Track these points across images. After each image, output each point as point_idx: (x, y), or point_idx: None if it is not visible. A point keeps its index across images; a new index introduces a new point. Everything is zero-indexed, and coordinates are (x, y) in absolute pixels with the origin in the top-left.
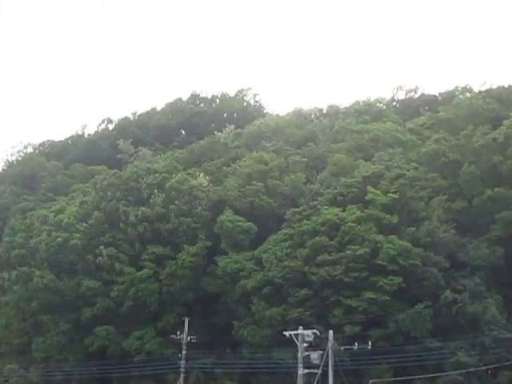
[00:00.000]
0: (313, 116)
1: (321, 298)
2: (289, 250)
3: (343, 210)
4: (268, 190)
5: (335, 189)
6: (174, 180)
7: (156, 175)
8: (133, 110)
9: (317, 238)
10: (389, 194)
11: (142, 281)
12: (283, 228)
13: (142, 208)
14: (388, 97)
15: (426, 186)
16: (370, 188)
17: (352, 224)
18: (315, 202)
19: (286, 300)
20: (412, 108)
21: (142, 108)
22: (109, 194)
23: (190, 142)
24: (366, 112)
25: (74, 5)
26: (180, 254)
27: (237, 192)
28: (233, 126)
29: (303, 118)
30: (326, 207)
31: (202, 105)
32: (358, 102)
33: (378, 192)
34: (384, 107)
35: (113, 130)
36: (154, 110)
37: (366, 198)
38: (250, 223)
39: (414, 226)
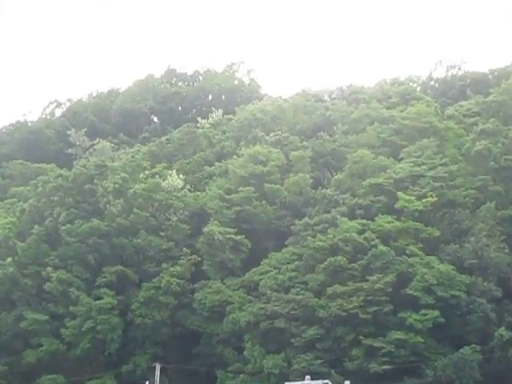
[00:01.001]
0: (327, 98)
1: (334, 339)
2: (294, 275)
3: (365, 223)
4: (263, 196)
5: (355, 195)
6: (137, 186)
7: (116, 177)
8: (88, 91)
9: (334, 257)
10: (424, 200)
11: (101, 313)
12: (288, 245)
13: (94, 220)
14: (424, 75)
15: (469, 189)
16: (400, 194)
17: (377, 243)
18: (333, 213)
19: (289, 341)
20: (454, 89)
21: (101, 88)
22: (56, 199)
23: (164, 132)
24: (395, 94)
25: None
26: (154, 280)
27: (221, 199)
28: (220, 111)
29: (313, 100)
30: (345, 219)
31: (180, 83)
32: (384, 81)
33: (412, 199)
34: (418, 88)
35: (62, 116)
36: (116, 90)
37: (396, 206)
38: (242, 237)
39: (456, 242)
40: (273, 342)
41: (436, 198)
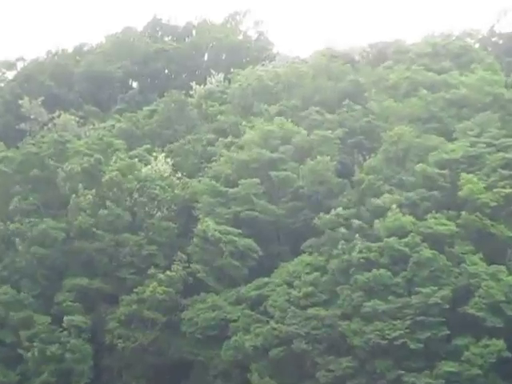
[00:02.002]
0: (357, 58)
1: (369, 374)
2: (311, 291)
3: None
4: (271, 186)
5: (401, 183)
6: (110, 171)
7: (85, 159)
8: (47, 48)
9: (374, 271)
10: (495, 191)
11: (69, 335)
12: (305, 249)
13: (48, 220)
14: (484, 28)
15: None
16: (465, 176)
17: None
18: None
19: (309, 374)
20: None
21: (65, 44)
22: None
23: (145, 101)
24: (446, 53)
25: None
26: (141, 287)
27: (213, 193)
28: (221, 75)
29: (340, 62)
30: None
31: (167, 38)
32: (431, 37)
33: (482, 186)
34: (477, 46)
35: (13, 80)
36: (83, 47)
37: (461, 193)
38: (250, 240)
39: None
40: (288, 373)
41: (510, 190)
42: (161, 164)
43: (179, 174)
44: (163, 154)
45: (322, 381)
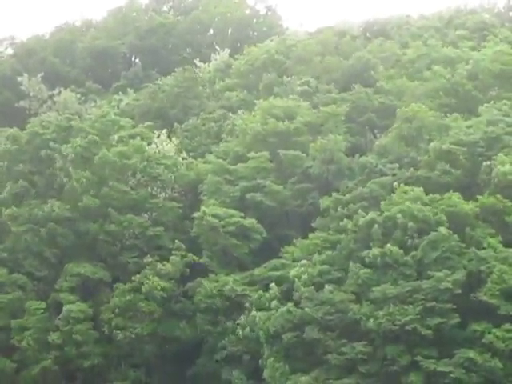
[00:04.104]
0: (367, 35)
1: (383, 360)
2: (326, 269)
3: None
4: (279, 166)
5: (411, 164)
6: (107, 150)
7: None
8: (49, 24)
9: (389, 246)
10: None
11: (70, 323)
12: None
13: (52, 202)
14: (501, 2)
15: None
16: (500, 157)
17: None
18: (373, 185)
19: (322, 358)
20: None
21: (66, 19)
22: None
23: (148, 78)
24: (461, 26)
25: None
26: (139, 276)
27: (220, 171)
28: (227, 51)
29: (348, 37)
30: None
31: (170, 13)
32: (446, 11)
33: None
34: (493, 19)
35: (13, 56)
36: (86, 23)
37: (495, 173)
38: (254, 220)
39: None
40: (300, 358)
41: None
42: (165, 143)
43: (184, 153)
44: (164, 131)
45: (333, 363)
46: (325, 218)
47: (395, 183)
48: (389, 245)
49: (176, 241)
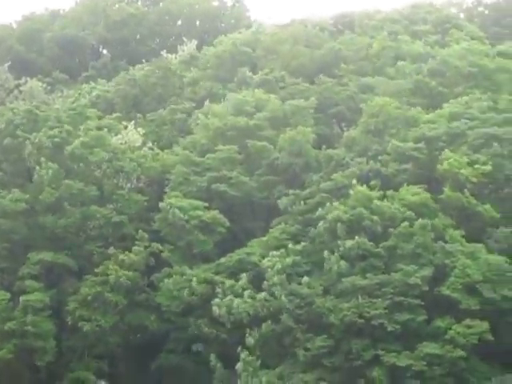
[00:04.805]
0: (333, 28)
1: (347, 354)
2: (298, 260)
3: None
4: (246, 157)
5: (374, 158)
6: (76, 142)
7: (53, 130)
8: (16, 12)
9: (357, 239)
10: (476, 166)
11: (28, 312)
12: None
13: (16, 191)
14: None
15: None
16: (447, 153)
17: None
18: (338, 178)
19: (291, 352)
20: (510, 17)
21: (34, 8)
22: None
23: (116, 69)
24: (425, 20)
25: None
26: (103, 267)
27: (187, 162)
28: (194, 43)
29: (318, 29)
30: (361, 187)
31: (139, 3)
32: (412, 6)
33: (464, 161)
34: (461, 15)
35: None
36: (54, 12)
37: (440, 167)
38: (216, 212)
39: (508, 225)
40: (273, 350)
41: (491, 168)
42: (132, 133)
43: (150, 144)
44: (132, 122)
45: (301, 359)
46: (284, 216)
47: (354, 180)
48: (357, 237)
49: (140, 231)
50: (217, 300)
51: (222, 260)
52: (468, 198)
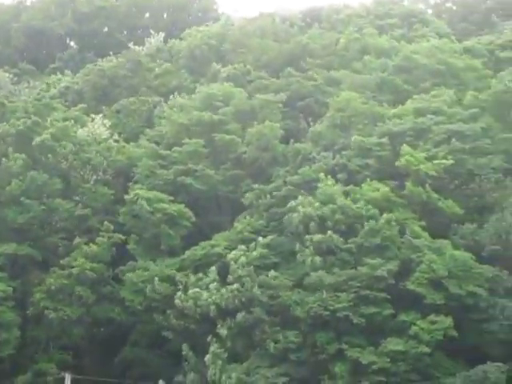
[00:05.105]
0: (309, 20)
1: (312, 348)
2: (266, 253)
3: (351, 190)
4: (212, 151)
5: (340, 153)
6: (45, 132)
7: (21, 120)
8: None
9: (329, 233)
10: (436, 162)
11: None
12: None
13: None
14: None
15: (497, 152)
16: (406, 148)
17: (376, 214)
18: (305, 172)
19: (260, 345)
20: (479, 15)
21: None
22: None
23: (84, 61)
24: (389, 15)
25: None
26: (68, 259)
27: (153, 155)
28: (161, 35)
29: (287, 23)
30: (328, 182)
31: None
32: (380, 0)
33: (421, 156)
34: (429, 11)
35: None
36: (22, 2)
37: (398, 163)
38: (182, 206)
39: (473, 222)
40: (242, 343)
41: (452, 161)
42: (97, 126)
43: (116, 137)
44: (100, 116)
45: (272, 351)
46: (249, 210)
47: (321, 174)
48: (329, 232)
49: (105, 222)
50: (179, 293)
51: (187, 253)
52: (428, 193)
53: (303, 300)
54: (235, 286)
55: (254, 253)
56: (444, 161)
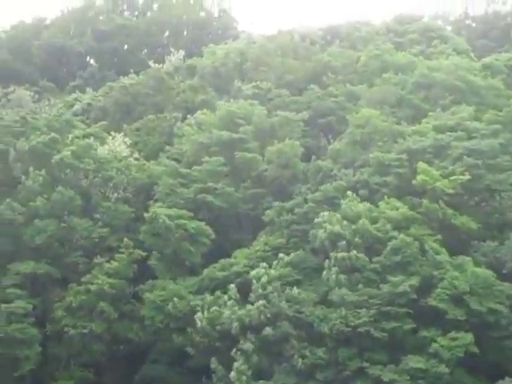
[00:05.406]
0: (330, 38)
1: (336, 365)
2: (288, 272)
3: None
4: (233, 169)
5: (360, 169)
6: (65, 149)
7: (41, 137)
8: (5, 21)
9: (354, 252)
10: (453, 178)
11: (11, 320)
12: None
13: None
14: (457, 11)
15: None
16: (422, 166)
17: (396, 235)
18: (328, 189)
19: (286, 361)
20: (498, 31)
21: (23, 17)
22: None
23: (104, 79)
24: (415, 33)
25: None
26: (89, 276)
27: (174, 174)
28: (181, 53)
29: (308, 41)
30: (353, 201)
31: (126, 14)
32: (398, 18)
33: (437, 173)
34: (448, 28)
35: None
36: (43, 21)
37: (415, 181)
38: (202, 223)
39: (494, 239)
40: (265, 360)
41: (469, 177)
42: (117, 144)
43: (137, 155)
44: (121, 134)
45: (299, 367)
46: (270, 227)
47: (348, 192)
48: (354, 251)
49: (124, 239)
50: (199, 314)
51: (206, 271)
52: (444, 210)
53: (326, 316)
54: (260, 302)
55: (273, 271)
56: (461, 177)
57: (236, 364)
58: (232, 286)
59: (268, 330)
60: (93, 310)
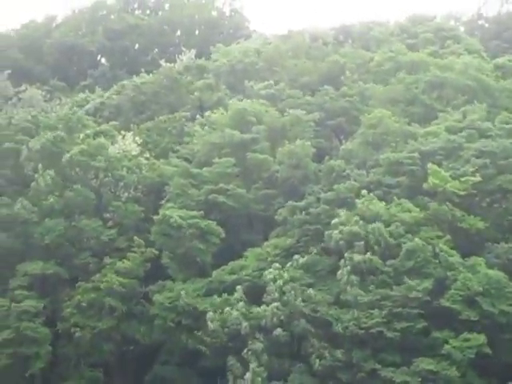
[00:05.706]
0: (342, 38)
1: (350, 367)
2: (299, 275)
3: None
4: (244, 169)
5: (371, 169)
6: (75, 149)
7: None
8: (16, 20)
9: (368, 255)
10: (464, 179)
11: (21, 319)
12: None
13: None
14: (470, 11)
15: None
16: (433, 168)
17: (410, 238)
18: (341, 189)
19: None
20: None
21: (34, 16)
22: None
23: (115, 78)
24: (428, 33)
25: None
26: (99, 275)
27: (185, 174)
28: (193, 52)
29: (320, 41)
30: (365, 199)
31: (138, 12)
32: (411, 18)
33: (447, 175)
34: (461, 28)
35: None
36: (53, 19)
37: (426, 185)
38: (213, 223)
39: (507, 241)
40: (279, 360)
41: (480, 179)
42: (128, 142)
43: (147, 154)
44: (131, 133)
45: (316, 368)
46: (283, 227)
47: (363, 191)
48: (369, 253)
49: (135, 237)
50: (210, 314)
51: (214, 274)
52: (453, 211)
53: (340, 317)
54: (275, 304)
55: (285, 274)
56: (472, 178)
57: (251, 365)
58: (239, 287)
59: (279, 331)
60: (102, 308)
